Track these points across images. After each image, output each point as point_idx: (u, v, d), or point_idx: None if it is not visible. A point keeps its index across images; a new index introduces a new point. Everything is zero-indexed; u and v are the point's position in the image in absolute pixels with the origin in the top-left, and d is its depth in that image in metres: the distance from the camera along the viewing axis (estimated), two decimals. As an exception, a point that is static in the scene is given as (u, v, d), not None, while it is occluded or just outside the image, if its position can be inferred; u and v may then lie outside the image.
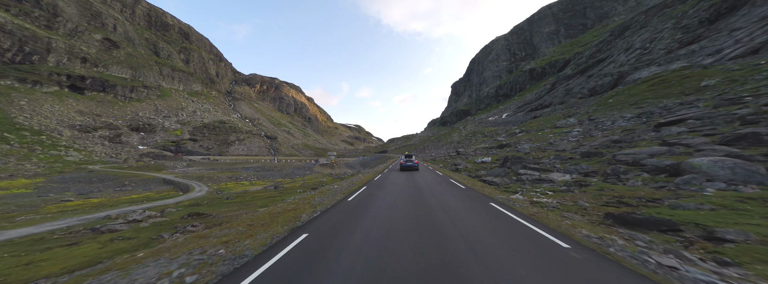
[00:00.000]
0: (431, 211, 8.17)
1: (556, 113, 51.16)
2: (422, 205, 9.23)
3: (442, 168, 23.30)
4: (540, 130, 38.53)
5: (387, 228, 6.41)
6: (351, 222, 7.12)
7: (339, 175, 52.30)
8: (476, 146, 43.90)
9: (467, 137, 66.24)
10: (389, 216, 7.64)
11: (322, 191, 13.48)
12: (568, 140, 24.34)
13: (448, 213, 7.90)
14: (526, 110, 78.57)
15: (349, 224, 6.89)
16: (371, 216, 7.83)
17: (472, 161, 22.67)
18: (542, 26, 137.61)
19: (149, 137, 76.30)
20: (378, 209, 8.65)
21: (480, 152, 32.45)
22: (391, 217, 7.52)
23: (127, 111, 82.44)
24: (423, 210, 8.31)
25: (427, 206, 8.96)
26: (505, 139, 37.91)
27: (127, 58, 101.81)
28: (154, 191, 27.81)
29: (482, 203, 9.19)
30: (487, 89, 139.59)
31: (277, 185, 24.33)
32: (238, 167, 60.44)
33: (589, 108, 40.39)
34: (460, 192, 11.85)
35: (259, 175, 48.46)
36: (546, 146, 23.19)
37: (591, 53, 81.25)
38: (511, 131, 48.55)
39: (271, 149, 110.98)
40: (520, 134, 40.73)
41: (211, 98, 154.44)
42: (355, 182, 17.00)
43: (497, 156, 23.00)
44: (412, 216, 7.57)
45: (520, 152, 23.48)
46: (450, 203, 9.48)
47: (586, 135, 24.63)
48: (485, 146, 35.16)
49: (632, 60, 54.95)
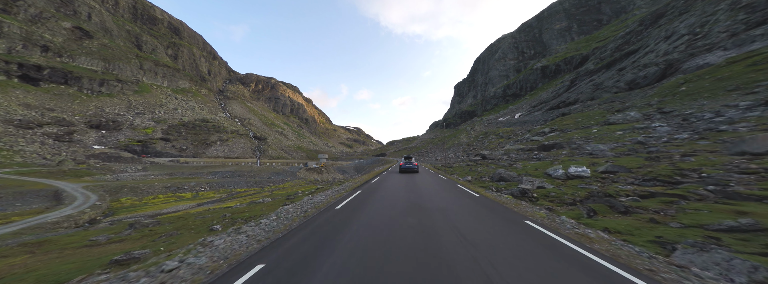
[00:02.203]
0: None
1: (592, 109, 41.69)
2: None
3: (472, 185, 13.19)
4: (582, 127, 28.97)
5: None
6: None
7: (326, 182, 42.41)
8: (502, 147, 34.04)
9: (478, 139, 56.41)
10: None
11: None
12: (665, 138, 14.64)
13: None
14: (543, 109, 69.30)
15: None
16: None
17: (540, 173, 12.28)
18: (553, 23, 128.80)
19: (111, 136, 66.57)
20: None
21: (517, 155, 22.56)
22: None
23: (90, 106, 72.88)
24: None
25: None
26: (543, 138, 28.02)
27: (100, 50, 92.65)
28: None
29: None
30: (493, 89, 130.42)
31: (228, 198, 14.45)
32: (204, 172, 50.55)
33: (649, 100, 30.81)
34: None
35: (220, 183, 38.56)
36: (636, 148, 13.46)
37: (616, 46, 72.34)
38: (537, 131, 38.99)
39: (257, 150, 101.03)
40: (553, 134, 31.09)
41: (199, 95, 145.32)
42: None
43: (576, 162, 13.09)
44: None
45: (600, 156, 13.60)
46: None
47: (688, 131, 14.98)
48: (520, 147, 25.29)
49: (681, 47, 45.84)
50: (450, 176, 18.12)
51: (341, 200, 9.65)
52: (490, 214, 7.02)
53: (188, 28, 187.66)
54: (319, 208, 8.47)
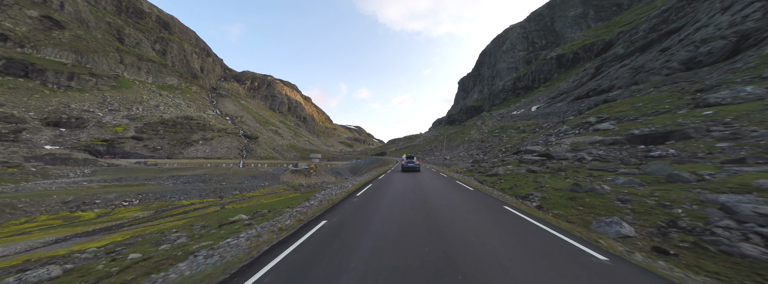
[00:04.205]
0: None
1: (645, 94, 32.52)
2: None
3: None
4: (656, 113, 20.09)
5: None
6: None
7: (312, 186, 33.60)
8: (560, 140, 24.96)
9: (493, 134, 47.40)
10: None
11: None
12: None
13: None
14: (567, 99, 60.15)
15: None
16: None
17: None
18: (566, 10, 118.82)
19: (71, 134, 58.40)
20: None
21: (604, 151, 13.58)
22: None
23: (51, 102, 64.79)
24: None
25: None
26: (606, 128, 18.83)
27: (72, 41, 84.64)
28: None
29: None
30: (501, 82, 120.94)
31: (146, 219, 7.34)
32: (164, 177, 42.07)
33: (750, 73, 21.65)
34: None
35: (163, 193, 29.95)
36: None
37: (650, 26, 62.84)
38: (576, 122, 29.98)
39: (245, 150, 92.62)
40: (605, 124, 22.01)
41: (189, 93, 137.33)
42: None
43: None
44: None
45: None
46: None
47: None
48: (596, 139, 16.23)
49: (757, 15, 36.58)
50: (487, 187, 9.19)
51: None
52: None
53: (180, 24, 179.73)
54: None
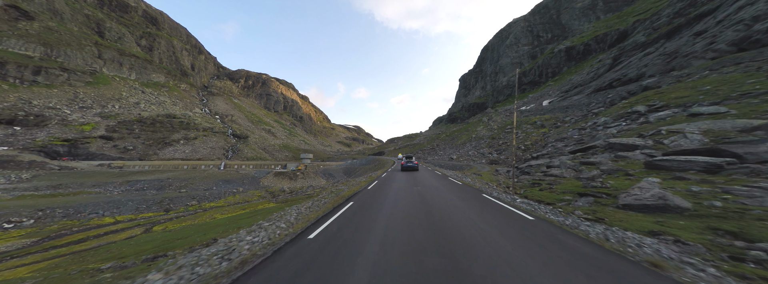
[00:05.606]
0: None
1: (695, 78, 26.19)
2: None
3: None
4: (733, 97, 13.65)
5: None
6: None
7: (294, 192, 26.97)
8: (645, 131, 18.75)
9: (505, 130, 41.04)
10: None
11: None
12: None
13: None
14: (585, 92, 53.90)
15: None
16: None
17: None
18: (574, 1, 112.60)
19: (26, 134, 51.80)
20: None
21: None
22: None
23: (9, 98, 58.15)
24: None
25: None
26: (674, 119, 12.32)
27: (41, 33, 77.95)
28: None
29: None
30: (505, 78, 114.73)
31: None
32: (117, 182, 35.54)
33: None
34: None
35: (84, 206, 23.57)
36: None
37: (675, 11, 56.65)
38: (617, 112, 23.67)
39: (231, 150, 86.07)
40: (664, 112, 15.75)
41: (177, 90, 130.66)
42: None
43: None
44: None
45: None
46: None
47: None
48: (724, 126, 10.01)
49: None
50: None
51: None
52: None
53: (170, 20, 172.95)
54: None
